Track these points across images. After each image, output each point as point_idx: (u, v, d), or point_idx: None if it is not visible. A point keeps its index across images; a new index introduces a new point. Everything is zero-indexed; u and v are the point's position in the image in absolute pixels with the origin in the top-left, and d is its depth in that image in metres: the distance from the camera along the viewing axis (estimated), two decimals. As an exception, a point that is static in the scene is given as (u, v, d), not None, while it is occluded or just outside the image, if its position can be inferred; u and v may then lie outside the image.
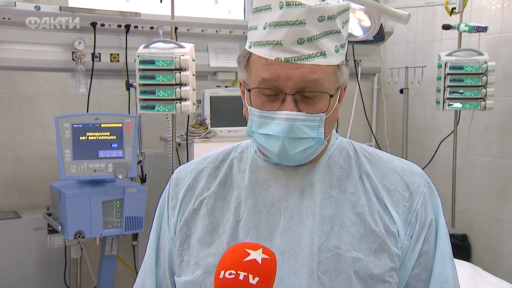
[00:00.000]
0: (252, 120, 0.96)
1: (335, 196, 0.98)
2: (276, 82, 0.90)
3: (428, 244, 0.99)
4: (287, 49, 0.89)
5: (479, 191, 3.18)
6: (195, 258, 0.99)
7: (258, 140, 0.96)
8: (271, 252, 0.83)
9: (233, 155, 1.09)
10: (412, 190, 1.00)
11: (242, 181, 1.03)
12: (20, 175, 2.82)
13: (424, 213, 0.99)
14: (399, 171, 1.02)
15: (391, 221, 0.96)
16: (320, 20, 0.89)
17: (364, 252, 0.94)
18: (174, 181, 1.11)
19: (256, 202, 1.00)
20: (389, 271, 0.94)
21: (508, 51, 2.98)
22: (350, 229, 0.95)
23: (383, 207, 0.98)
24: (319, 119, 0.92)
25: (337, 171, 1.01)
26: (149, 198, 2.51)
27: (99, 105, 2.94)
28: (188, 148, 2.68)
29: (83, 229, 2.34)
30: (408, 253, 0.98)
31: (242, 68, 0.98)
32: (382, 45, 3.67)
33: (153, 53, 2.35)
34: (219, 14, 3.41)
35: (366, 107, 3.60)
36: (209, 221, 1.01)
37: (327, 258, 0.93)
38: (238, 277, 0.77)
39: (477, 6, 3.10)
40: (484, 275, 2.45)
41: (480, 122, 3.13)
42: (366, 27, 2.45)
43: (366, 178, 1.01)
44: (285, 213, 0.98)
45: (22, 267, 2.63)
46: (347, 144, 1.07)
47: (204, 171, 1.08)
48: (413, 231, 0.98)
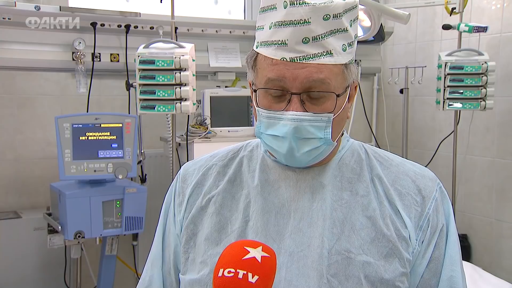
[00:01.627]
0: (260, 121, 0.95)
1: (346, 198, 0.97)
2: (282, 82, 0.90)
3: (439, 250, 0.98)
4: (292, 48, 0.88)
5: (479, 191, 3.18)
6: (201, 257, 0.98)
7: (266, 141, 0.95)
8: (271, 250, 0.82)
9: (243, 153, 1.08)
10: (424, 195, 0.98)
11: (251, 180, 1.02)
12: (20, 175, 2.82)
13: (435, 218, 0.98)
14: (411, 175, 1.01)
15: (402, 226, 0.95)
16: (325, 18, 0.87)
17: (375, 256, 0.92)
18: (181, 177, 1.09)
19: (266, 203, 0.98)
20: (399, 276, 0.93)
21: (508, 51, 2.98)
22: (360, 232, 0.94)
23: (394, 211, 0.96)
24: (327, 119, 0.91)
25: (348, 173, 1.00)
26: (149, 198, 2.51)
27: (99, 105, 2.94)
28: (188, 148, 2.68)
29: (83, 229, 2.34)
30: (418, 258, 0.96)
31: (250, 68, 0.97)
32: (382, 45, 3.67)
33: (153, 53, 2.35)
34: (219, 14, 3.41)
35: (366, 107, 3.60)
36: (217, 220, 1.00)
37: (337, 261, 0.91)
38: (237, 275, 0.77)
39: (477, 6, 3.09)
40: (484, 275, 2.45)
41: (480, 122, 3.13)
42: (366, 27, 2.46)
43: (378, 181, 0.99)
44: (295, 215, 0.96)
45: (22, 267, 2.62)
46: (359, 147, 1.05)
47: (213, 168, 1.07)
48: (424, 236, 0.96)
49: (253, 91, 0.97)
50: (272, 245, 0.94)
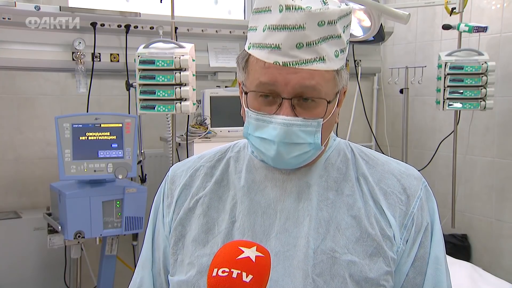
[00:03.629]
0: (249, 122, 0.95)
1: (331, 198, 0.97)
2: (273, 86, 0.89)
3: (423, 248, 0.98)
4: (286, 53, 0.87)
5: (479, 191, 3.18)
6: (189, 258, 0.99)
7: (254, 142, 0.95)
8: (265, 250, 0.82)
9: (230, 154, 1.08)
10: (409, 194, 0.99)
11: (238, 181, 1.02)
12: (20, 175, 2.82)
13: (420, 217, 0.98)
14: (396, 173, 1.01)
15: (387, 225, 0.96)
16: (320, 24, 0.87)
17: (360, 255, 0.93)
18: (169, 179, 1.10)
19: (252, 203, 0.99)
20: (384, 275, 0.93)
21: (508, 51, 2.98)
22: (346, 232, 0.94)
23: (379, 210, 0.97)
24: (316, 124, 0.91)
25: (334, 172, 1.00)
26: (149, 198, 2.51)
27: (99, 105, 2.94)
28: (188, 148, 2.68)
29: (83, 229, 2.34)
30: (403, 257, 0.97)
31: (241, 69, 0.97)
32: (382, 45, 3.67)
33: (153, 53, 2.35)
34: (219, 14, 3.41)
35: (366, 107, 3.60)
36: (204, 221, 1.00)
37: (322, 261, 0.92)
38: (231, 275, 0.77)
39: (477, 6, 3.09)
40: (484, 275, 2.45)
41: (480, 122, 3.13)
42: (366, 27, 2.45)
43: (363, 180, 1.00)
44: (281, 215, 0.97)
45: (22, 267, 2.63)
46: (345, 146, 1.06)
47: (200, 169, 1.07)
48: (409, 235, 0.97)
49: (243, 91, 0.96)
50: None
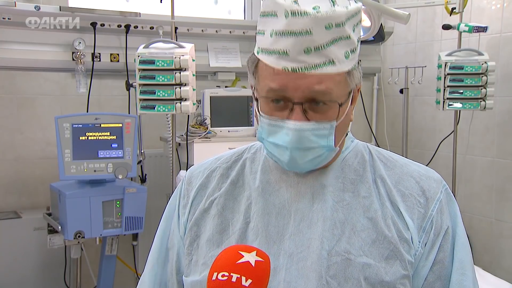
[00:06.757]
0: (262, 127, 0.94)
1: (347, 199, 0.96)
2: (284, 92, 0.89)
3: (443, 252, 0.96)
4: (294, 58, 0.86)
5: (479, 191, 3.18)
6: (203, 258, 0.98)
7: (268, 147, 0.95)
8: (265, 254, 0.82)
9: (246, 155, 1.08)
10: (428, 196, 0.97)
11: (253, 182, 1.02)
12: (20, 175, 2.82)
13: (440, 220, 0.96)
14: (415, 176, 0.99)
15: (404, 227, 0.94)
16: (328, 28, 0.85)
17: (376, 258, 0.91)
18: (186, 180, 1.10)
19: (266, 204, 0.98)
20: (401, 278, 0.91)
21: (508, 51, 2.98)
22: (361, 233, 0.93)
23: (397, 213, 0.95)
24: (329, 127, 0.90)
25: (351, 174, 0.99)
26: (149, 198, 2.51)
27: (99, 105, 2.94)
28: (188, 148, 2.67)
29: (83, 229, 2.34)
30: (421, 260, 0.95)
31: (251, 74, 0.96)
32: (382, 45, 3.67)
33: (153, 53, 2.35)
34: (219, 14, 3.41)
35: (366, 107, 3.60)
36: (219, 221, 1.00)
37: (336, 263, 0.91)
38: (230, 279, 0.77)
39: (477, 6, 3.09)
40: (484, 275, 2.45)
41: (480, 122, 3.13)
42: (366, 27, 2.45)
43: (381, 182, 0.98)
44: (295, 216, 0.96)
45: (22, 267, 2.63)
46: (363, 148, 1.04)
47: (217, 170, 1.07)
48: (428, 238, 0.95)
49: (254, 96, 0.96)
50: (272, 246, 0.93)
